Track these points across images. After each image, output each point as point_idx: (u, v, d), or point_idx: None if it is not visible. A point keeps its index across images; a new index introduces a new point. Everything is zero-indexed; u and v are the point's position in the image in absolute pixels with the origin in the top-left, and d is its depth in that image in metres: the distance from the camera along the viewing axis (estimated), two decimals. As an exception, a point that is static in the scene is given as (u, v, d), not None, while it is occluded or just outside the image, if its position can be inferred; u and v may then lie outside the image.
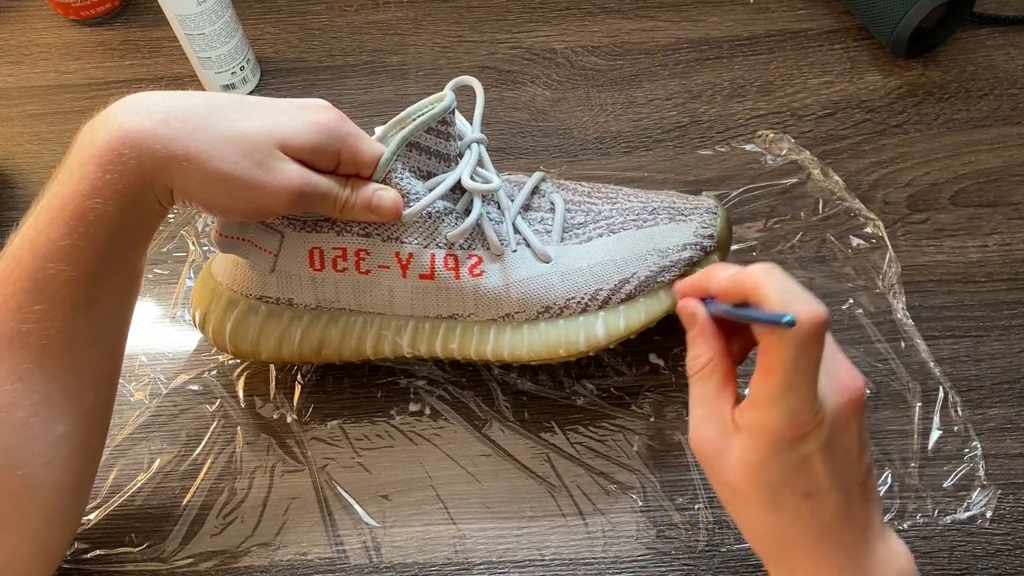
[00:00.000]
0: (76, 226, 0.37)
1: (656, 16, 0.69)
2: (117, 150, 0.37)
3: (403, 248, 0.46)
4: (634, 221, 0.48)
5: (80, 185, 0.37)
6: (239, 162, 0.39)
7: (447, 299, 0.47)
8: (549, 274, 0.47)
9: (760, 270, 0.35)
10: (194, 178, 0.38)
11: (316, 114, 0.42)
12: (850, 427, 0.35)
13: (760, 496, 0.35)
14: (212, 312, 0.49)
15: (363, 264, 0.46)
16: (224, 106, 0.40)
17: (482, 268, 0.46)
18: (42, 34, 0.71)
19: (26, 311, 0.37)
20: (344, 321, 0.48)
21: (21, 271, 0.37)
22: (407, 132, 0.44)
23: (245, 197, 0.40)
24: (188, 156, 0.38)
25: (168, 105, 0.39)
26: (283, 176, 0.40)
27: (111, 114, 0.38)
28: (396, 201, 0.44)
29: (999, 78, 0.63)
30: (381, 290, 0.47)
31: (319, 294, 0.47)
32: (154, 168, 0.38)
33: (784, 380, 0.33)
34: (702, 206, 0.50)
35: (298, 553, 0.48)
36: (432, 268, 0.46)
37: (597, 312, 0.47)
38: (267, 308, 0.48)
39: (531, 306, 0.47)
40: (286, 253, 0.46)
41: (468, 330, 0.48)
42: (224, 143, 0.39)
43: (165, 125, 0.38)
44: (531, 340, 0.47)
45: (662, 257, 0.47)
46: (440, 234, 0.46)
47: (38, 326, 0.37)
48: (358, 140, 0.43)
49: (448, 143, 0.46)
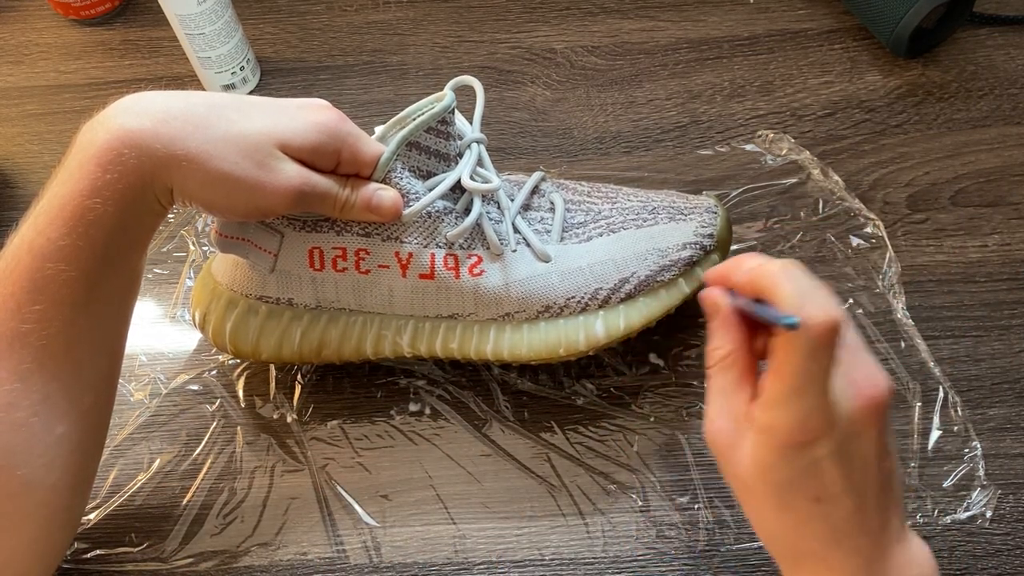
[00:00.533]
0: (76, 226, 0.37)
1: (656, 16, 0.69)
2: (117, 150, 0.37)
3: (403, 248, 0.46)
4: (634, 220, 0.49)
5: (79, 185, 0.37)
6: (239, 162, 0.39)
7: (447, 299, 0.47)
8: (549, 273, 0.47)
9: (778, 267, 0.34)
10: (194, 178, 0.38)
11: (316, 114, 0.42)
12: (867, 432, 0.34)
13: (769, 495, 0.35)
14: (212, 312, 0.48)
15: (363, 264, 0.46)
16: (224, 106, 0.40)
17: (482, 268, 0.47)
18: (42, 34, 0.71)
19: (26, 311, 0.37)
20: (344, 321, 0.48)
21: (20, 271, 0.37)
22: (407, 132, 0.44)
23: (245, 197, 0.40)
24: (188, 156, 0.38)
25: (168, 105, 0.39)
26: (283, 176, 0.40)
27: (111, 114, 0.38)
28: (396, 201, 0.44)
29: (999, 78, 0.63)
30: (381, 290, 0.47)
31: (319, 294, 0.47)
32: (154, 168, 0.38)
33: (793, 384, 0.32)
34: (702, 205, 0.50)
35: (298, 553, 0.48)
36: (432, 268, 0.46)
37: (597, 311, 0.47)
38: (267, 308, 0.48)
39: (531, 305, 0.47)
40: (286, 253, 0.46)
41: (468, 330, 0.48)
42: (224, 143, 0.39)
43: (165, 125, 0.38)
44: (531, 340, 0.47)
45: (662, 256, 0.47)
46: (440, 234, 0.46)
47: (37, 326, 0.37)
48: (358, 140, 0.43)
49: (448, 143, 0.46)
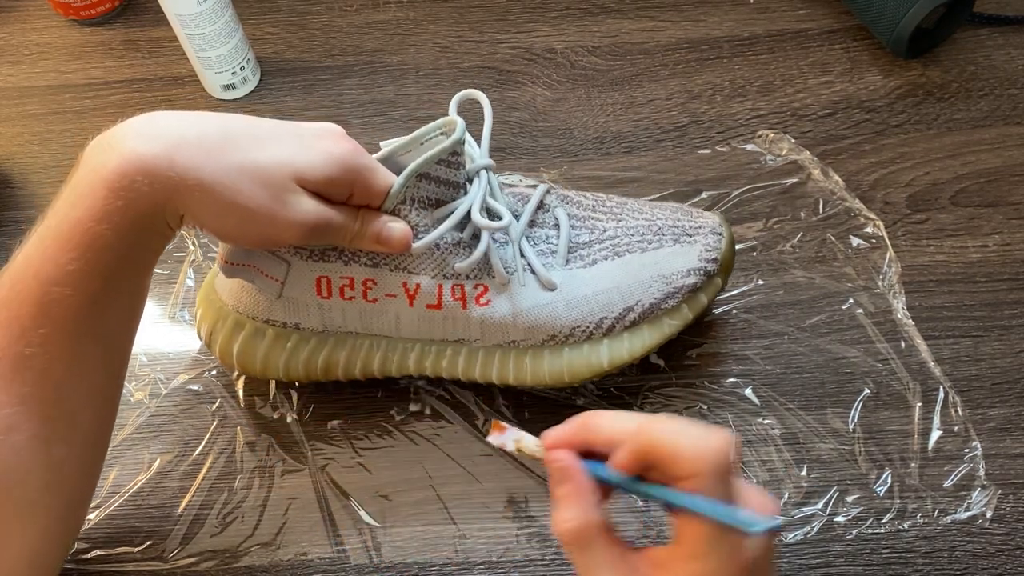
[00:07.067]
0: (85, 252, 0.36)
1: (656, 16, 0.69)
2: (129, 175, 0.36)
3: (410, 279, 0.46)
4: (639, 243, 0.48)
5: (89, 210, 0.36)
6: (254, 194, 0.38)
7: (453, 326, 0.47)
8: (555, 303, 0.47)
9: (649, 428, 0.31)
10: (208, 207, 0.38)
11: (332, 145, 0.41)
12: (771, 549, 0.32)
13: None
14: (219, 332, 0.49)
15: (370, 293, 0.46)
16: (239, 133, 0.39)
17: (488, 297, 0.47)
18: (42, 34, 0.71)
19: (30, 335, 0.37)
20: (351, 344, 0.49)
21: (26, 295, 0.37)
22: (416, 166, 0.43)
23: (258, 229, 0.39)
24: (202, 185, 0.37)
25: (182, 130, 0.38)
26: (298, 211, 0.39)
27: (122, 136, 0.37)
28: (405, 234, 0.43)
29: (999, 78, 0.63)
30: (388, 317, 0.47)
31: (326, 320, 0.48)
32: (166, 195, 0.37)
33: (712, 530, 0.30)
34: (707, 225, 0.49)
35: (298, 553, 0.48)
36: (439, 298, 0.46)
37: (601, 340, 0.48)
38: (274, 331, 0.48)
39: (536, 335, 0.47)
40: (293, 281, 0.46)
41: (473, 355, 0.48)
42: (240, 173, 0.38)
43: (179, 151, 0.37)
44: (535, 369, 0.48)
45: (666, 283, 0.47)
46: (448, 265, 0.46)
47: (41, 350, 0.37)
48: (371, 172, 0.42)
49: (457, 172, 0.45)
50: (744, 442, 0.50)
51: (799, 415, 0.51)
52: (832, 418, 0.50)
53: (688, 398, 0.51)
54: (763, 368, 0.52)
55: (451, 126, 0.44)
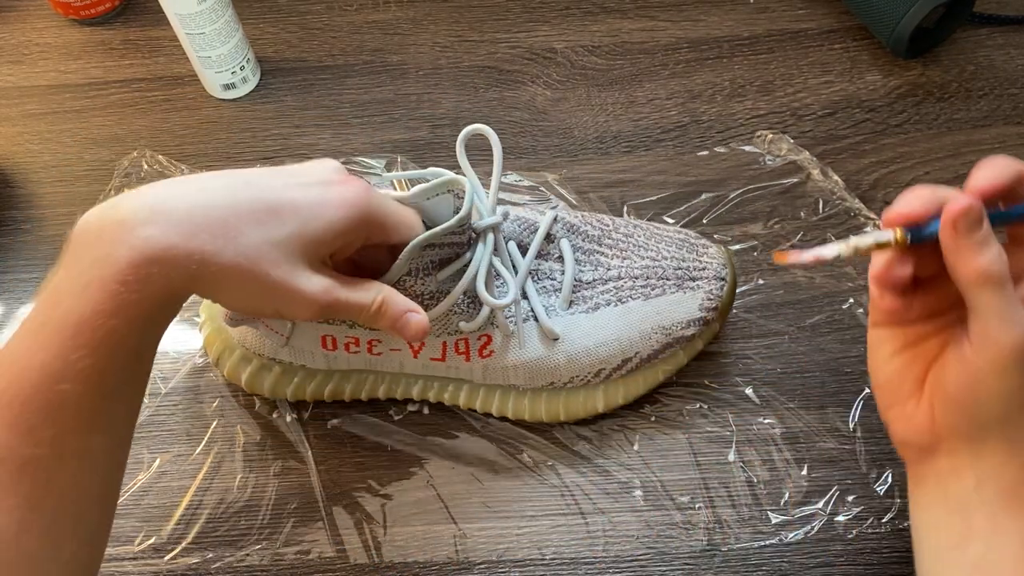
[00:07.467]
0: (97, 348, 0.35)
1: (656, 16, 0.69)
2: (144, 268, 0.35)
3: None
4: (643, 288, 0.48)
5: (101, 306, 0.34)
6: (270, 274, 0.37)
7: (457, 371, 0.49)
8: (555, 355, 0.48)
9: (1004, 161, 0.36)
10: (224, 288, 0.37)
11: (344, 189, 0.40)
12: None
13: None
14: (226, 359, 0.50)
15: (375, 348, 0.48)
16: (248, 208, 0.38)
17: (491, 348, 0.47)
18: (42, 34, 0.71)
19: (39, 434, 0.35)
20: (356, 378, 0.50)
21: (31, 392, 0.34)
22: (421, 239, 0.42)
23: (272, 306, 0.39)
24: (222, 271, 0.36)
25: (190, 211, 0.36)
26: (313, 291, 0.39)
27: (129, 225, 0.35)
28: (422, 328, 0.42)
29: (999, 78, 0.63)
30: (392, 364, 0.49)
31: (331, 364, 0.49)
32: (184, 283, 0.36)
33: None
34: (711, 268, 0.49)
35: (298, 553, 0.48)
36: (444, 353, 0.47)
37: (598, 386, 0.49)
38: (280, 367, 0.50)
39: (536, 381, 0.49)
40: (298, 336, 0.48)
41: (474, 391, 0.50)
42: (257, 252, 0.37)
43: (194, 239, 0.36)
44: (533, 408, 0.49)
45: (666, 335, 0.48)
46: (452, 324, 0.46)
47: (50, 450, 0.35)
48: (385, 216, 0.41)
49: (462, 235, 0.44)
50: (744, 441, 0.50)
51: (799, 414, 0.51)
52: (832, 417, 0.50)
53: (688, 397, 0.51)
54: (763, 367, 0.52)
55: (460, 187, 0.42)
